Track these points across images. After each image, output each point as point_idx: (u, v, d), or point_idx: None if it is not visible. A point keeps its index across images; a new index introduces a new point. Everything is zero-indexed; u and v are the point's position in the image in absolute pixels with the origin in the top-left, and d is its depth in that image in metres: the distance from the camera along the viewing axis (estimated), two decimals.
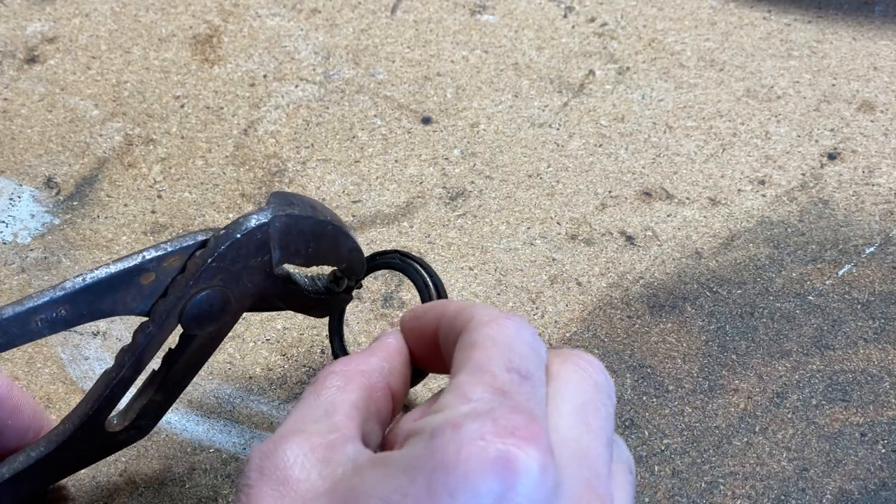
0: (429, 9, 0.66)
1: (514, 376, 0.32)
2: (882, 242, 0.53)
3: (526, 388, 0.31)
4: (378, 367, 0.37)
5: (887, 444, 0.46)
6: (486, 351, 0.32)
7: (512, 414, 0.30)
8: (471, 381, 0.31)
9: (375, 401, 0.36)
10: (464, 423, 0.29)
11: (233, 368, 0.49)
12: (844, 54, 0.62)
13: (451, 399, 0.31)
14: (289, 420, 0.34)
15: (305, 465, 0.32)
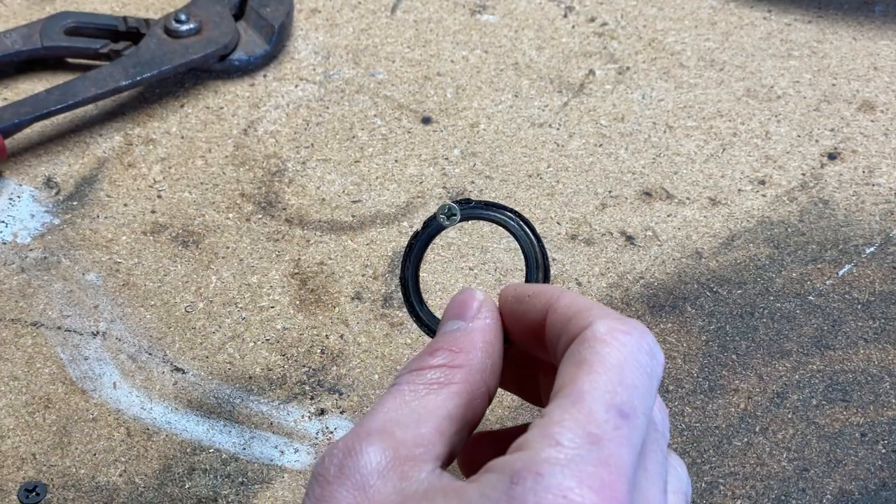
0: (429, 9, 0.66)
1: (612, 416, 0.30)
2: (882, 242, 0.53)
3: (623, 433, 0.30)
4: (481, 366, 0.35)
5: (887, 444, 0.46)
6: (592, 377, 0.31)
7: (599, 468, 0.29)
8: (564, 420, 0.30)
9: (473, 409, 0.34)
10: (547, 472, 0.28)
11: (233, 368, 0.49)
12: (845, 54, 0.62)
13: (540, 438, 0.30)
14: (378, 411, 0.33)
15: (385, 475, 0.31)
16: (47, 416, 0.47)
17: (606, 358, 0.31)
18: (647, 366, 0.32)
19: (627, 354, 0.31)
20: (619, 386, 0.30)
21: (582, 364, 0.31)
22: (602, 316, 0.33)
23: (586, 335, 0.32)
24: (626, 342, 0.32)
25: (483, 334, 0.36)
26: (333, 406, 0.48)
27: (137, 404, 0.48)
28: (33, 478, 0.45)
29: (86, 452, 0.46)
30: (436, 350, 0.35)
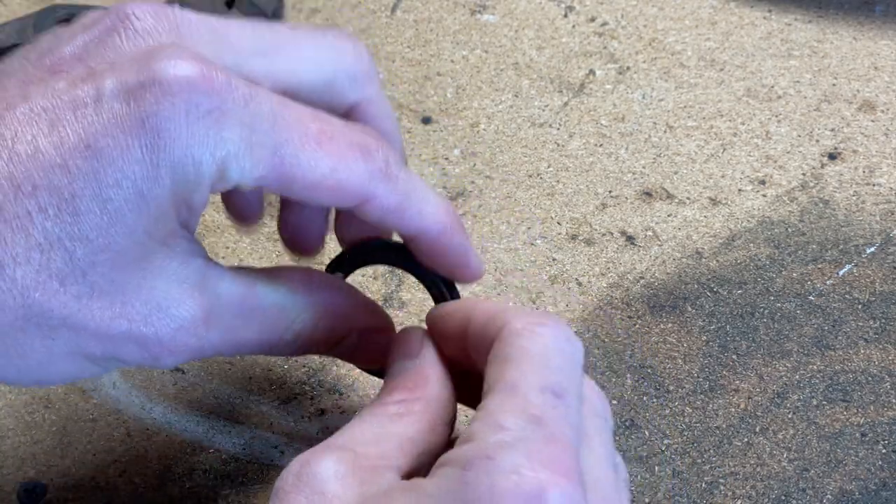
0: (429, 8, 0.66)
1: (547, 397, 0.31)
2: (883, 242, 0.53)
3: (560, 411, 0.31)
4: (438, 397, 0.36)
5: (888, 444, 0.46)
6: (520, 367, 0.31)
7: (546, 445, 0.29)
8: (503, 407, 0.30)
9: (435, 437, 0.35)
10: (497, 455, 0.29)
11: (233, 368, 0.49)
12: (845, 54, 0.62)
13: (484, 427, 0.30)
14: (344, 434, 0.34)
15: (344, 481, 0.31)
16: (47, 416, 0.47)
17: (528, 348, 0.32)
18: (567, 351, 0.32)
19: (547, 342, 0.32)
20: (546, 370, 0.31)
21: (507, 360, 0.32)
22: (515, 314, 0.33)
23: (503, 334, 0.33)
24: (543, 332, 0.32)
25: (433, 367, 0.37)
26: (333, 406, 0.48)
27: (137, 404, 0.48)
28: (33, 478, 0.45)
29: (86, 452, 0.46)
30: (393, 389, 0.36)
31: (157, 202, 0.32)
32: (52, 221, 0.30)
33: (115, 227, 0.31)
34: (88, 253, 0.31)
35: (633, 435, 0.46)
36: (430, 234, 0.38)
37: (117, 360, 0.33)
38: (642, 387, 0.48)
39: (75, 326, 0.32)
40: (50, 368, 0.33)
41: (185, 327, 0.34)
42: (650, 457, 0.45)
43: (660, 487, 0.44)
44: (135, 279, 0.32)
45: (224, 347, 0.36)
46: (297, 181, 0.34)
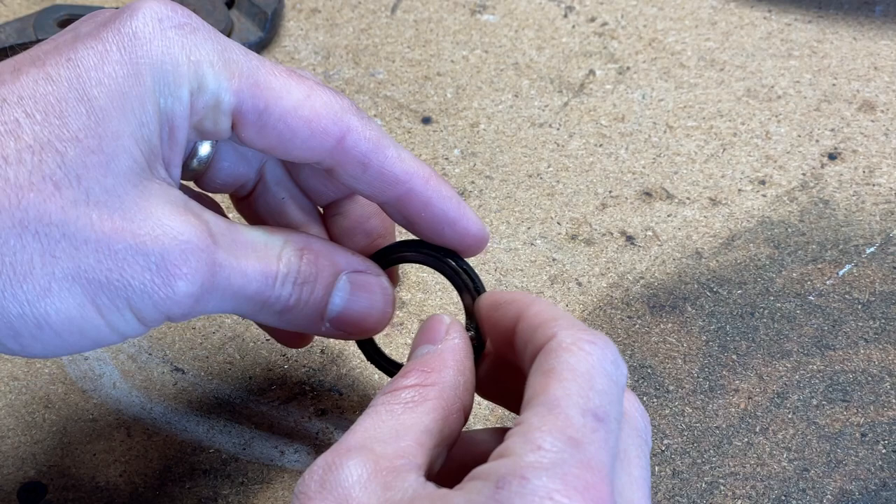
0: (429, 8, 0.66)
1: (588, 420, 0.30)
2: (882, 242, 0.53)
3: (600, 435, 0.30)
4: (454, 384, 0.36)
5: (888, 444, 0.46)
6: (564, 385, 0.31)
7: (582, 471, 0.29)
8: (543, 425, 0.30)
9: (449, 424, 0.35)
10: (531, 476, 0.29)
11: (233, 368, 0.49)
12: (845, 54, 0.62)
13: (521, 445, 0.30)
14: (356, 431, 0.33)
15: (367, 487, 0.31)
16: (47, 416, 0.47)
17: (575, 366, 0.32)
18: (612, 374, 0.32)
19: (594, 363, 0.32)
20: (590, 391, 0.31)
21: (551, 373, 0.32)
22: (566, 326, 0.33)
23: (552, 345, 0.33)
24: (591, 351, 0.32)
25: (453, 354, 0.37)
26: (333, 406, 0.48)
27: (137, 404, 0.48)
28: (33, 478, 0.45)
29: (86, 452, 0.46)
30: (408, 372, 0.36)
31: (141, 103, 0.32)
32: (41, 126, 0.31)
33: (102, 127, 0.32)
34: (80, 154, 0.31)
35: None
36: (417, 179, 0.38)
37: (125, 296, 0.32)
38: (642, 387, 0.48)
39: (76, 239, 0.31)
40: (53, 306, 0.31)
41: (192, 249, 0.33)
42: (650, 457, 0.45)
43: (660, 487, 0.44)
44: (131, 195, 0.32)
45: (233, 279, 0.35)
46: (272, 106, 0.35)
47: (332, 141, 0.36)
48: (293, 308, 0.37)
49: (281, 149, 0.37)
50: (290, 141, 0.36)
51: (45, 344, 0.32)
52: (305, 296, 0.38)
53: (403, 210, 0.39)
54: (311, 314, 0.38)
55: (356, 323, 0.40)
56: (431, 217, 0.39)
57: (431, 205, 0.39)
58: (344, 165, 0.37)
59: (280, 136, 0.36)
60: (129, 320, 0.33)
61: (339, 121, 0.36)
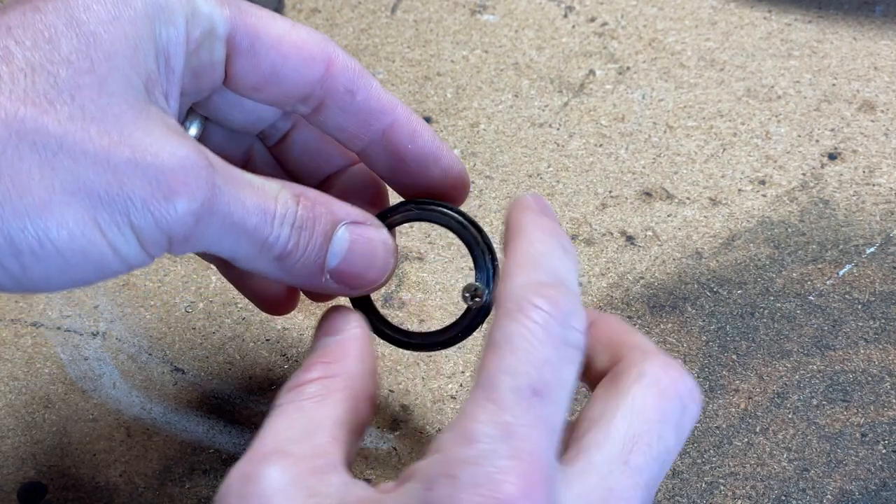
0: (429, 8, 0.66)
1: (522, 398, 0.29)
2: (883, 242, 0.53)
3: (536, 412, 0.29)
4: (359, 371, 0.35)
5: (888, 444, 0.46)
6: (499, 362, 0.30)
7: (512, 461, 0.28)
8: (475, 413, 0.29)
9: (359, 413, 0.34)
10: (459, 473, 0.28)
11: (233, 368, 0.49)
12: (845, 54, 0.62)
13: (453, 438, 0.29)
14: (267, 434, 0.32)
15: (290, 494, 0.30)
16: (47, 416, 0.47)
17: (513, 337, 0.30)
18: (558, 337, 0.30)
19: (535, 329, 0.30)
20: (527, 365, 0.30)
21: (491, 347, 0.30)
22: (515, 287, 0.31)
23: (500, 312, 0.31)
24: (533, 316, 0.30)
25: (354, 342, 0.36)
26: None
27: (137, 404, 0.48)
28: (33, 478, 0.45)
29: (86, 452, 0.46)
30: (311, 365, 0.35)
31: (134, 27, 0.32)
32: (31, 51, 0.31)
33: (94, 49, 0.32)
34: (72, 75, 0.31)
35: None
36: (401, 109, 0.38)
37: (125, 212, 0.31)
38: None
39: (74, 151, 0.30)
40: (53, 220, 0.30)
41: (192, 166, 0.32)
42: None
43: (660, 487, 0.44)
44: (128, 115, 0.32)
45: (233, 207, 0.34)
46: (263, 34, 0.36)
47: (321, 67, 0.37)
48: (291, 254, 0.36)
49: (274, 82, 0.37)
50: (282, 70, 0.36)
51: (48, 266, 0.31)
52: (304, 242, 0.36)
53: (390, 145, 0.39)
54: (311, 264, 0.37)
55: (357, 275, 0.38)
56: (418, 150, 0.39)
57: (417, 136, 0.39)
58: (333, 95, 0.37)
59: (273, 65, 0.36)
60: (131, 240, 0.32)
61: (325, 48, 0.37)
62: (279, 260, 0.36)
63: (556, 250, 0.33)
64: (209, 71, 0.36)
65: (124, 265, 0.32)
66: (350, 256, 0.37)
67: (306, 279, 0.37)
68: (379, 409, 0.48)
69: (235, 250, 0.35)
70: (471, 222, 0.40)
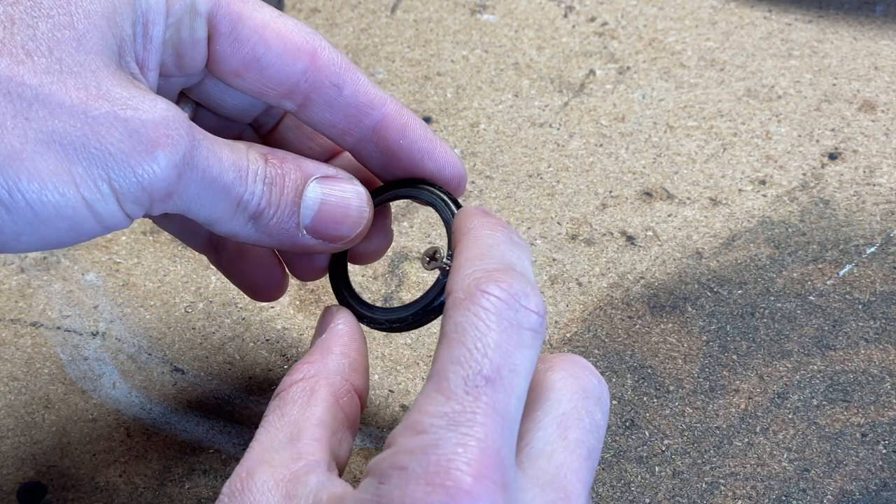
0: (429, 8, 0.66)
1: (472, 387, 0.29)
2: (883, 242, 0.53)
3: (486, 399, 0.29)
4: (339, 367, 0.36)
5: (888, 444, 0.46)
6: (451, 352, 0.30)
7: (460, 448, 0.28)
8: (425, 405, 0.29)
9: (342, 407, 0.34)
10: (409, 464, 0.28)
11: (233, 369, 0.49)
12: (845, 54, 0.62)
13: (403, 431, 0.29)
14: (255, 446, 0.33)
15: (270, 502, 0.31)
16: (47, 416, 0.47)
17: (463, 327, 0.30)
18: (510, 320, 0.30)
19: (485, 317, 0.30)
20: (476, 353, 0.29)
21: (443, 338, 0.30)
22: (464, 277, 0.31)
23: (449, 303, 0.31)
24: (483, 304, 0.30)
25: (337, 338, 0.37)
26: None
27: (137, 405, 0.48)
28: (33, 478, 0.45)
29: (85, 453, 0.46)
30: (294, 368, 0.36)
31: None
32: (12, 6, 0.31)
33: (74, 6, 0.31)
34: (51, 28, 0.31)
35: (633, 435, 0.46)
36: (391, 104, 0.38)
37: (103, 166, 0.30)
38: (642, 387, 0.48)
39: (50, 102, 0.30)
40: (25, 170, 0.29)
41: (172, 118, 0.32)
42: (650, 457, 0.45)
43: (660, 488, 0.44)
44: (104, 72, 0.31)
45: (211, 162, 0.33)
46: (246, 18, 0.35)
47: (305, 58, 0.36)
48: (265, 212, 0.36)
49: (255, 69, 0.36)
50: (264, 57, 0.36)
51: (17, 220, 0.30)
52: (275, 198, 0.36)
53: (381, 141, 0.39)
54: (285, 220, 0.36)
55: (333, 226, 0.38)
56: (410, 145, 0.39)
57: (409, 130, 0.39)
58: (318, 89, 0.37)
59: (254, 50, 0.36)
60: (108, 197, 0.31)
61: (310, 40, 0.37)
62: (255, 219, 0.36)
63: (502, 241, 0.34)
64: (191, 49, 0.36)
65: (99, 225, 0.31)
66: (324, 209, 0.37)
67: (284, 237, 0.37)
68: (379, 409, 0.48)
69: (213, 210, 0.34)
70: (453, 201, 0.39)
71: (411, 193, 0.40)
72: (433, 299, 0.38)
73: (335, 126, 0.39)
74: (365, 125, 0.38)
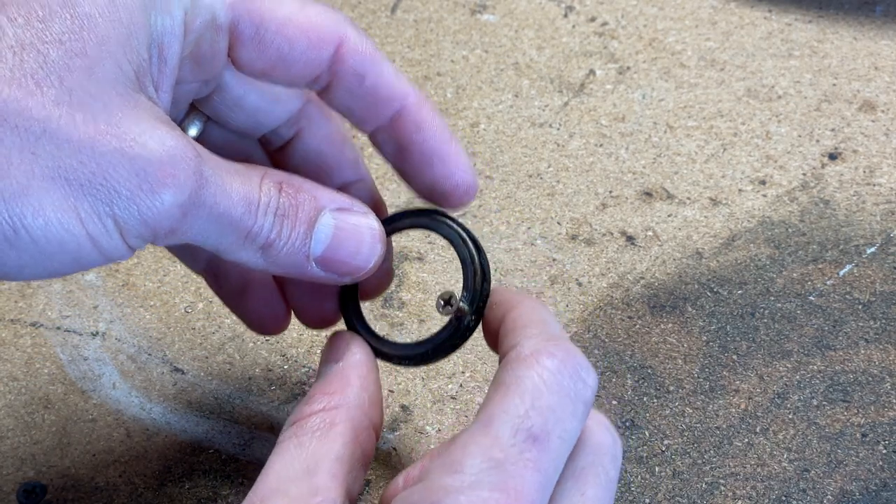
0: (429, 8, 0.66)
1: (519, 440, 0.29)
2: (883, 242, 0.53)
3: (531, 455, 0.29)
4: (359, 401, 0.35)
5: (888, 444, 0.46)
6: (505, 400, 0.30)
7: (497, 493, 0.28)
8: (468, 445, 0.29)
9: (360, 444, 0.34)
10: (443, 500, 0.28)
11: (233, 369, 0.49)
12: (845, 54, 0.62)
13: (440, 467, 0.29)
14: (269, 475, 0.32)
15: None
16: (46, 416, 0.47)
17: (523, 380, 0.30)
18: (569, 388, 0.30)
19: (547, 377, 0.30)
20: (531, 409, 0.30)
21: (499, 387, 0.30)
22: (533, 335, 0.32)
23: (510, 356, 0.31)
24: (547, 364, 0.31)
25: (356, 370, 0.36)
26: None
27: (137, 405, 0.48)
28: (33, 478, 0.45)
29: (85, 453, 0.46)
30: (312, 397, 0.35)
31: (129, 12, 0.32)
32: (23, 29, 0.30)
33: (87, 32, 0.31)
34: (62, 56, 0.30)
35: (633, 435, 0.46)
36: (412, 98, 0.37)
37: (108, 203, 0.30)
38: (642, 387, 0.48)
39: (57, 137, 0.29)
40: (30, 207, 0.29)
41: (180, 157, 0.31)
42: (650, 457, 0.45)
43: (660, 488, 0.44)
44: (116, 103, 0.31)
45: (219, 198, 0.33)
46: (268, 19, 0.35)
47: (329, 49, 0.36)
48: (274, 244, 0.35)
49: (281, 67, 0.36)
50: (289, 55, 0.35)
51: (21, 254, 0.30)
52: (286, 231, 0.35)
53: (396, 133, 0.38)
54: (295, 252, 0.36)
55: (344, 261, 0.37)
56: (423, 142, 0.38)
57: (425, 127, 0.38)
58: (341, 78, 0.36)
59: (279, 50, 0.35)
60: (112, 232, 0.31)
61: (336, 29, 0.36)
62: (263, 249, 0.35)
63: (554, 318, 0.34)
64: (210, 59, 0.35)
65: (102, 257, 0.31)
66: (335, 243, 0.37)
67: (292, 268, 0.36)
68: None
69: (219, 241, 0.34)
70: (472, 239, 0.39)
71: (430, 225, 0.40)
72: (445, 340, 0.38)
73: (354, 112, 0.38)
74: (383, 115, 0.38)
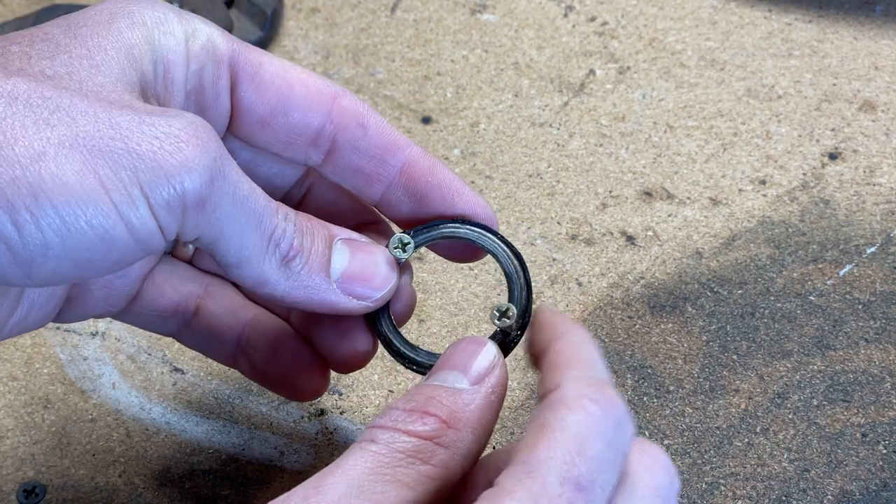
0: (429, 8, 0.66)
1: (567, 490, 0.28)
2: (883, 242, 0.53)
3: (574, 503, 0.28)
4: (467, 453, 0.32)
5: (888, 444, 0.46)
6: (550, 445, 0.29)
7: None
8: (514, 490, 0.28)
9: (441, 498, 0.31)
10: None
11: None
12: (845, 54, 0.62)
13: (480, 501, 0.28)
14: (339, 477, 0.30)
15: None
16: (46, 416, 0.47)
17: (568, 426, 0.29)
18: (612, 437, 0.30)
19: (592, 424, 0.29)
20: (577, 457, 0.29)
21: (542, 429, 0.29)
22: (575, 378, 0.30)
23: (553, 398, 0.30)
24: (591, 411, 0.29)
25: (482, 412, 0.32)
26: (333, 406, 0.48)
27: (136, 405, 0.48)
28: (33, 478, 0.45)
29: (85, 453, 0.46)
30: (427, 415, 0.31)
31: (131, 30, 0.33)
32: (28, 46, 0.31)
33: (92, 41, 0.32)
34: (69, 59, 0.31)
35: None
36: (415, 146, 0.37)
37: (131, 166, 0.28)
38: (642, 387, 0.48)
39: (72, 110, 0.29)
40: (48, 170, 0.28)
41: (198, 123, 0.30)
42: None
43: None
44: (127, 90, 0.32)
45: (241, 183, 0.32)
46: (266, 65, 0.36)
47: (328, 100, 0.36)
48: (297, 257, 0.34)
49: (281, 113, 0.36)
50: (290, 101, 0.36)
51: (45, 229, 0.28)
52: (308, 243, 0.35)
53: (409, 182, 0.37)
54: (316, 270, 0.35)
55: (363, 281, 0.36)
56: (441, 184, 0.37)
57: (437, 170, 0.37)
58: (344, 130, 0.36)
59: (279, 93, 0.36)
60: (138, 201, 0.29)
61: (330, 85, 0.37)
62: (286, 264, 0.34)
63: (598, 356, 0.33)
64: (214, 101, 0.35)
65: (131, 237, 0.29)
66: (353, 264, 0.36)
67: (314, 290, 0.35)
68: (378, 409, 0.48)
69: (243, 242, 0.32)
70: (515, 254, 0.38)
71: (471, 237, 0.38)
72: None
73: (362, 171, 0.37)
74: (392, 166, 0.37)
